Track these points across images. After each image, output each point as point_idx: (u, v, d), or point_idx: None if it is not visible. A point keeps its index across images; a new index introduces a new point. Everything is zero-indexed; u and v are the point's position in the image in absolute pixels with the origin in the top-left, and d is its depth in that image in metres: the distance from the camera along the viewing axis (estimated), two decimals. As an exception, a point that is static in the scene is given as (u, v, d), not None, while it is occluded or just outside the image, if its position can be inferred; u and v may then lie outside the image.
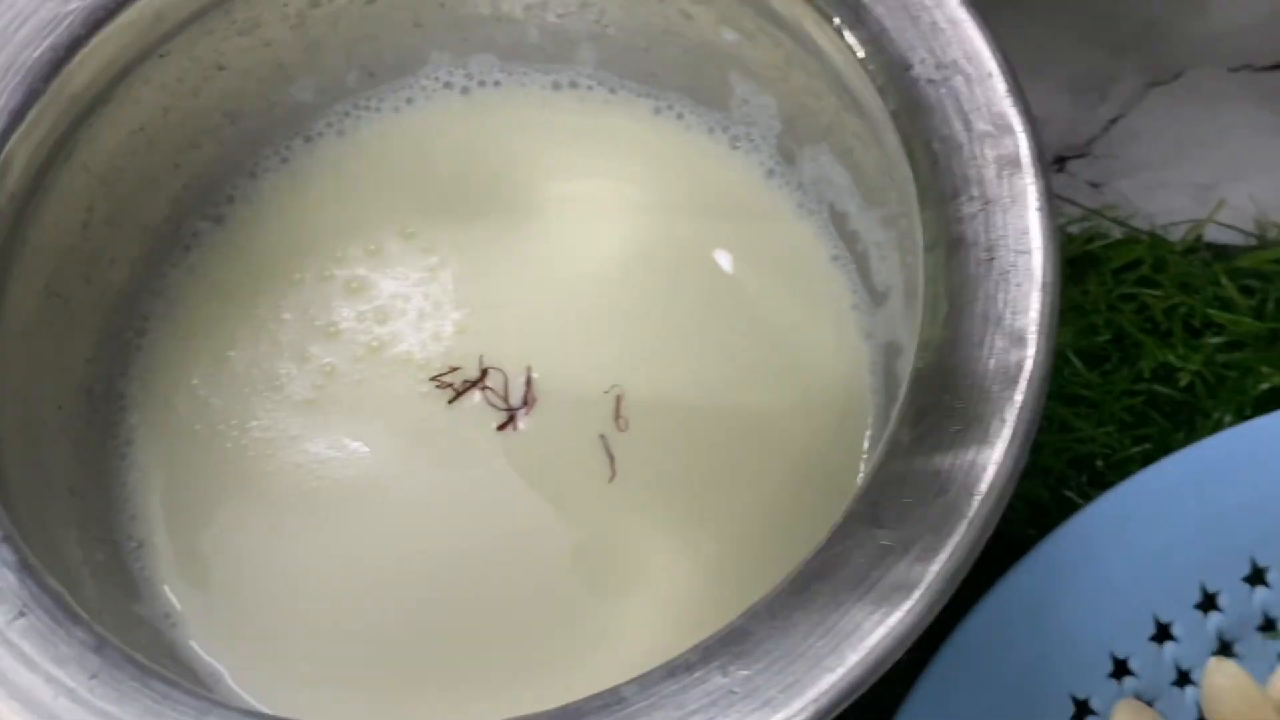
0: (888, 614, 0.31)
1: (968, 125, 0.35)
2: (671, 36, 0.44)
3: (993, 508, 0.32)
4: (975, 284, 0.34)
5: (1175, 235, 0.49)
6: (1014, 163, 0.35)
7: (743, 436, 0.42)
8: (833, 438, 0.42)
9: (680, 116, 0.46)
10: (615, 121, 0.46)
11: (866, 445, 0.42)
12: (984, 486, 0.31)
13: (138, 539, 0.42)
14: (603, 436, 0.42)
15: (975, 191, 0.35)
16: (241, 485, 0.42)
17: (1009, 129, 0.35)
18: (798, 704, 0.30)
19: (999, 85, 0.36)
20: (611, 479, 0.41)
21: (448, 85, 0.47)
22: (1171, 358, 0.46)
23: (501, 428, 0.42)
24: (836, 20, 0.38)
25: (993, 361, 0.33)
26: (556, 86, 0.47)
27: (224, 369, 0.43)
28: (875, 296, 0.43)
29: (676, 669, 0.31)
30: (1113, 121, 0.51)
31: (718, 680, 0.30)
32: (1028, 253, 0.34)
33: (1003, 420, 0.33)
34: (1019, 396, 0.33)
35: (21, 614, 0.31)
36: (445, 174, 0.46)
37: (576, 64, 0.46)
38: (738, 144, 0.45)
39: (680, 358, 0.43)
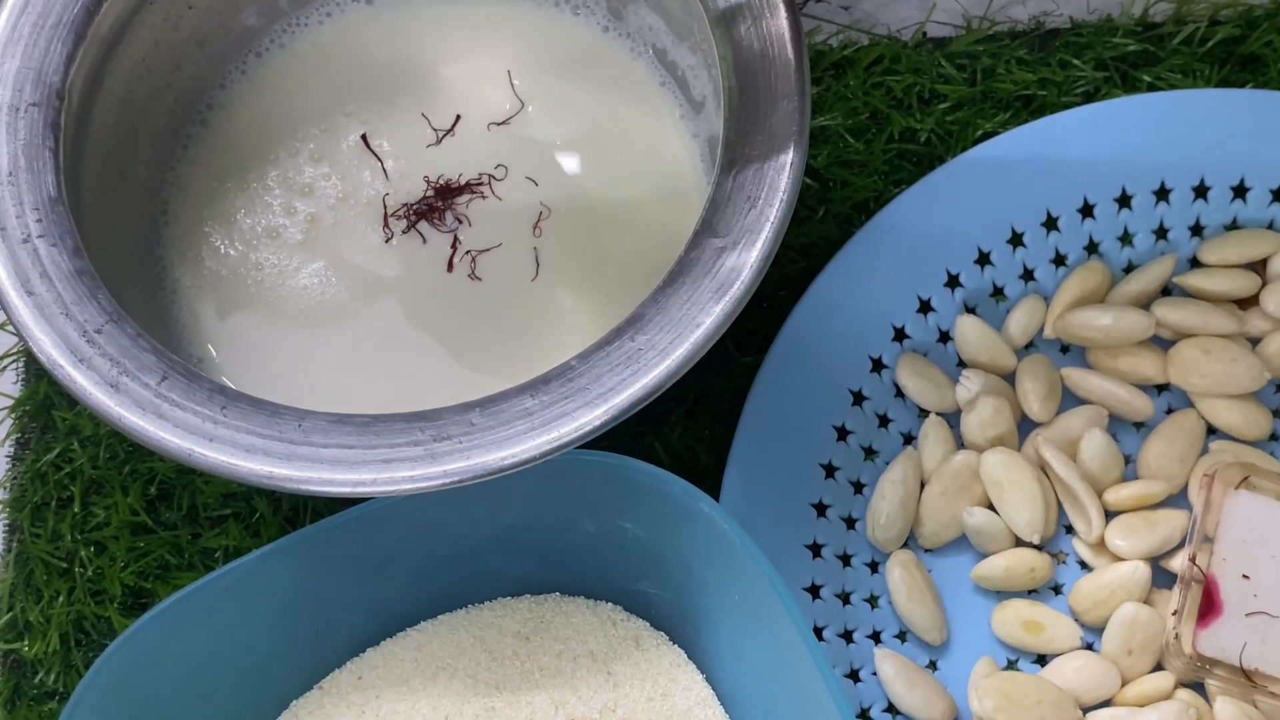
0: (728, 287, 0.48)
1: (736, -30, 0.52)
2: (520, -62, 0.60)
3: (788, 206, 0.49)
4: (755, 72, 0.51)
5: (906, 35, 0.66)
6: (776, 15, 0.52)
7: (624, 220, 0.59)
8: (680, 208, 0.59)
9: (534, -2, 0.62)
10: (485, 9, 0.62)
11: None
12: (781, 193, 0.49)
13: (196, 356, 0.57)
14: (535, 250, 0.58)
15: (749, 15, 0.52)
16: (260, 308, 0.58)
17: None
18: (681, 350, 0.47)
19: (753, -61, 0.52)
20: (535, 278, 0.58)
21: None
22: (913, 122, 0.63)
23: (453, 247, 0.58)
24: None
25: (773, 116, 0.50)
26: (438, -12, 0.62)
27: (234, 228, 0.59)
28: (695, 107, 0.60)
29: (601, 343, 0.48)
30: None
31: (629, 345, 0.47)
32: (785, 45, 0.51)
33: (787, 145, 0.49)
34: (794, 128, 0.49)
35: (165, 377, 0.47)
36: (366, 65, 0.62)
37: (451, -31, 0.62)
38: (578, 11, 0.62)
39: (562, 174, 0.60)
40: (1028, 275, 0.60)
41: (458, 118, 0.61)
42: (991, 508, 0.57)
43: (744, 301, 0.48)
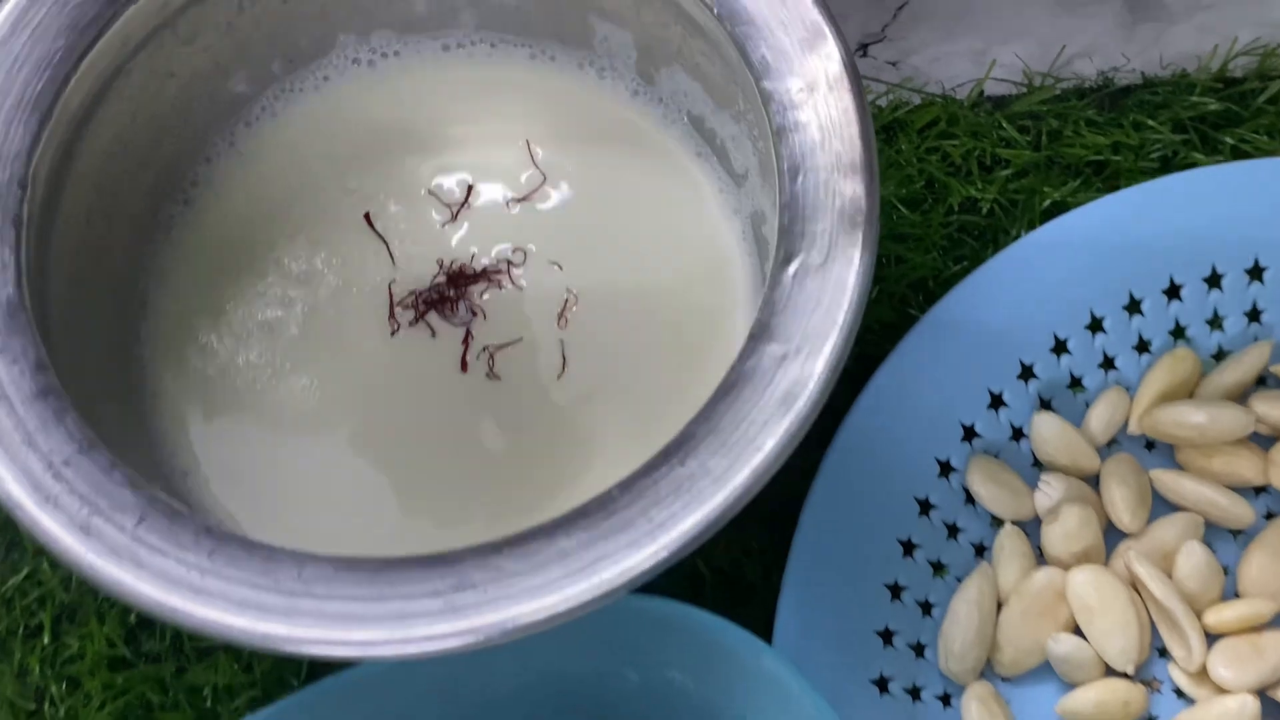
0: (792, 402, 0.42)
1: (788, 33, 0.46)
2: (538, -6, 0.54)
3: (858, 307, 0.42)
4: (813, 149, 0.45)
5: (962, 94, 0.60)
6: (828, 57, 0.45)
7: (660, 306, 0.52)
8: (721, 291, 0.53)
9: (553, 59, 0.56)
10: (499, 71, 0.56)
11: (749, 294, 0.53)
12: (849, 291, 0.42)
13: (180, 468, 0.51)
14: (561, 342, 0.52)
15: (803, 83, 0.45)
16: (252, 413, 0.51)
17: (821, 33, 0.46)
18: (741, 476, 0.41)
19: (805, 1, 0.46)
20: (561, 375, 0.51)
21: (355, 61, 0.56)
22: (973, 191, 0.57)
23: (465, 343, 0.52)
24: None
25: (836, 201, 0.44)
26: (446, 48, 0.56)
27: (222, 322, 0.52)
28: (736, 180, 0.54)
29: (647, 469, 0.41)
30: (900, 8, 0.62)
31: (679, 471, 0.41)
32: (848, 119, 0.45)
33: (854, 235, 0.43)
34: (861, 216, 0.43)
35: (143, 518, 0.41)
36: (369, 134, 0.55)
37: (461, 27, 0.56)
38: (604, 74, 0.55)
39: (589, 256, 0.53)
40: (1108, 364, 0.54)
41: (470, 190, 0.54)
42: (1078, 631, 0.50)
43: (811, 418, 0.42)
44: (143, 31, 0.49)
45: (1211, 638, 0.50)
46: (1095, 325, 0.54)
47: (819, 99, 0.45)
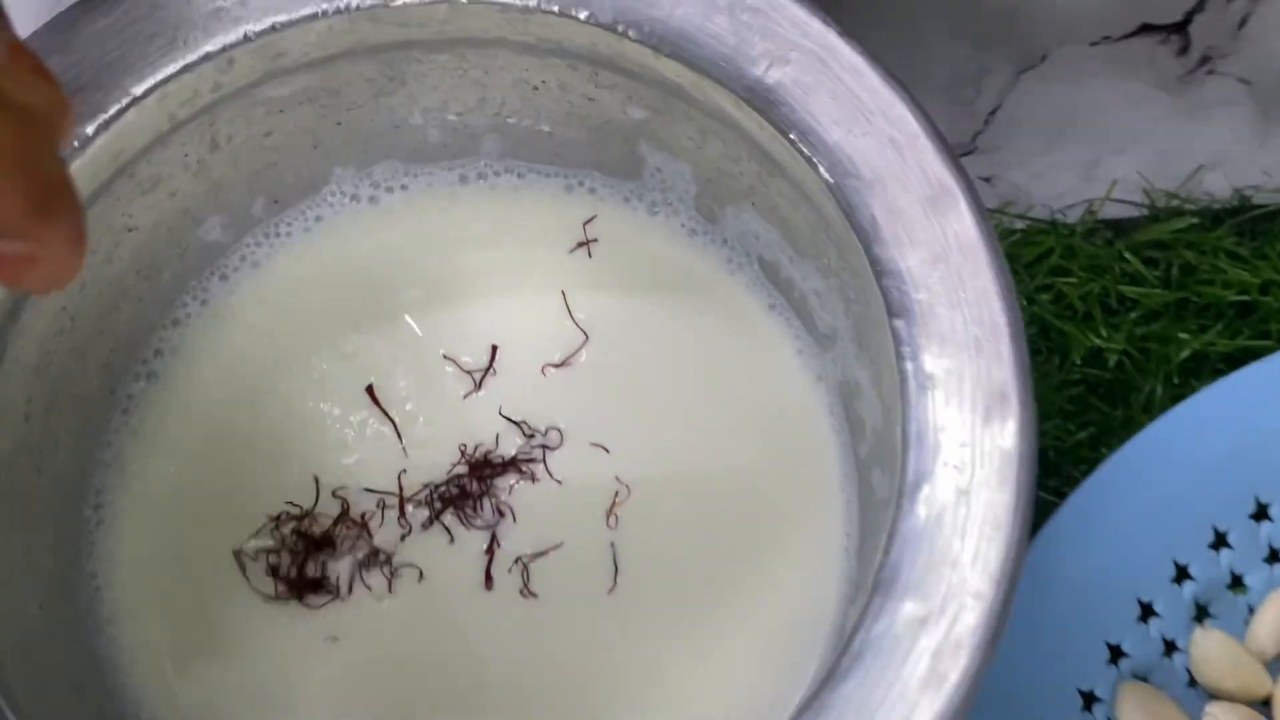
0: (939, 685, 0.32)
1: (907, 189, 0.36)
2: (576, 119, 0.44)
3: (1017, 556, 0.33)
4: (943, 344, 0.35)
5: (1073, 217, 0.51)
6: (959, 221, 0.36)
7: (732, 499, 0.43)
8: (804, 485, 0.43)
9: (593, 191, 0.46)
10: (528, 205, 0.46)
11: (838, 487, 0.43)
12: (1008, 530, 0.33)
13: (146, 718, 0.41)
14: (612, 547, 0.42)
15: (927, 254, 0.36)
16: (234, 657, 0.42)
17: (949, 192, 0.36)
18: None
19: (928, 146, 0.37)
20: (613, 589, 0.42)
21: (354, 198, 0.46)
22: (1097, 340, 0.48)
23: (490, 552, 0.42)
24: (756, 108, 0.38)
25: (980, 409, 0.34)
26: (464, 180, 0.46)
27: (188, 529, 0.43)
28: (821, 340, 0.44)
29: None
30: (992, 114, 0.53)
31: (795, 783, 0.31)
32: (989, 306, 0.35)
33: (1007, 462, 0.34)
34: (1017, 436, 0.34)
35: None
36: (371, 286, 0.46)
37: (481, 156, 0.46)
38: (655, 210, 0.46)
39: (642, 435, 0.44)
40: (1274, 557, 0.44)
41: (494, 354, 0.45)
42: None
43: (969, 701, 0.32)
44: (94, 184, 0.40)
45: None
46: (1260, 513, 0.44)
47: (948, 273, 0.36)
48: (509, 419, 0.44)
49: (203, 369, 0.45)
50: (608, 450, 0.43)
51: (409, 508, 0.43)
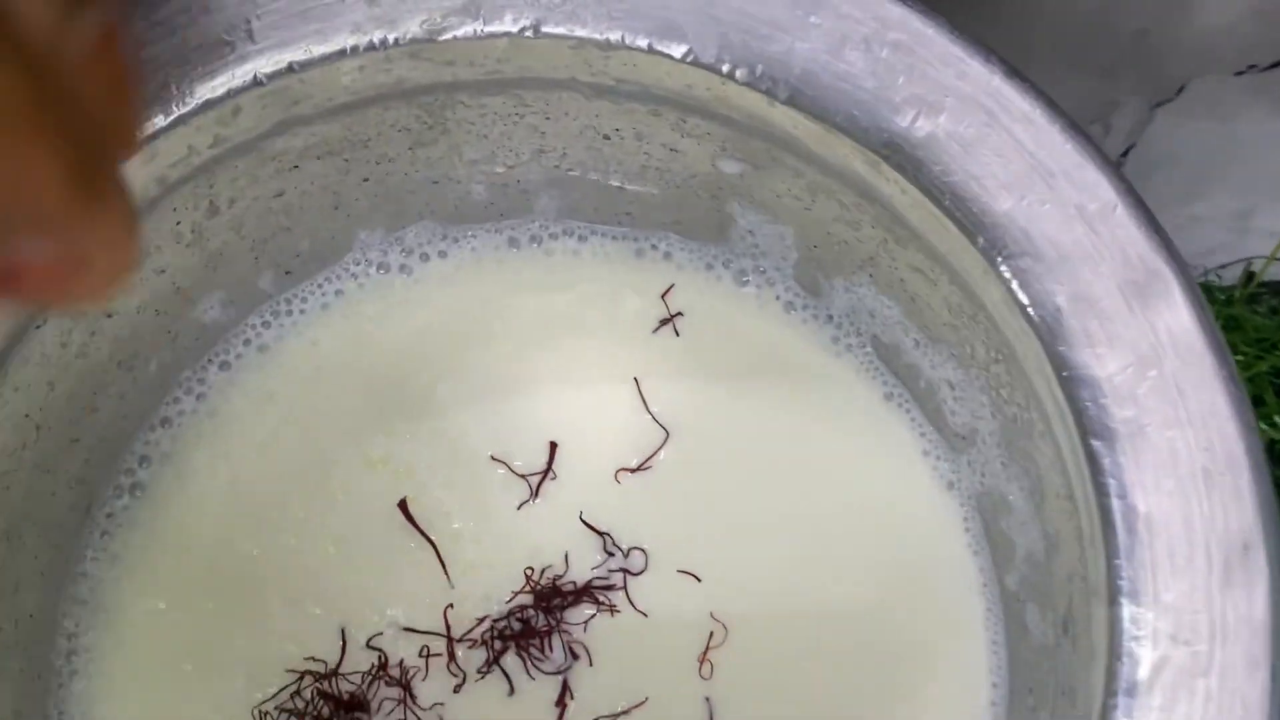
0: None
1: (1101, 273, 0.29)
2: (653, 173, 0.36)
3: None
4: (1156, 472, 0.27)
5: (1229, 278, 0.43)
6: (1171, 312, 0.28)
7: (840, 641, 0.35)
8: (936, 621, 0.36)
9: (668, 256, 0.38)
10: (591, 273, 0.39)
11: (980, 623, 0.35)
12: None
13: None
14: (708, 703, 0.34)
15: (1132, 357, 0.28)
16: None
17: (1159, 275, 0.28)
18: None
19: (1127, 217, 0.29)
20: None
21: (382, 267, 0.38)
22: (1272, 433, 0.40)
23: (562, 705, 0.34)
24: (898, 166, 0.30)
25: (1218, 560, 0.27)
26: (514, 244, 0.39)
27: (184, 685, 0.34)
28: (953, 440, 0.36)
29: None
30: (1124, 155, 0.45)
31: None
32: (1221, 431, 0.27)
33: (1254, 634, 0.26)
34: (1266, 585, 0.26)
35: None
36: (399, 373, 0.38)
37: (535, 215, 0.38)
38: (746, 279, 0.38)
39: (737, 558, 0.36)
40: None
41: (553, 451, 0.37)
42: None
43: None
44: (60, 265, 0.31)
45: None
46: None
47: (1162, 383, 0.28)
48: (592, 527, 0.36)
49: (198, 481, 0.37)
50: (698, 579, 0.36)
51: (460, 650, 0.35)
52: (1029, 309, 0.29)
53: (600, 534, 0.36)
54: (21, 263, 0.16)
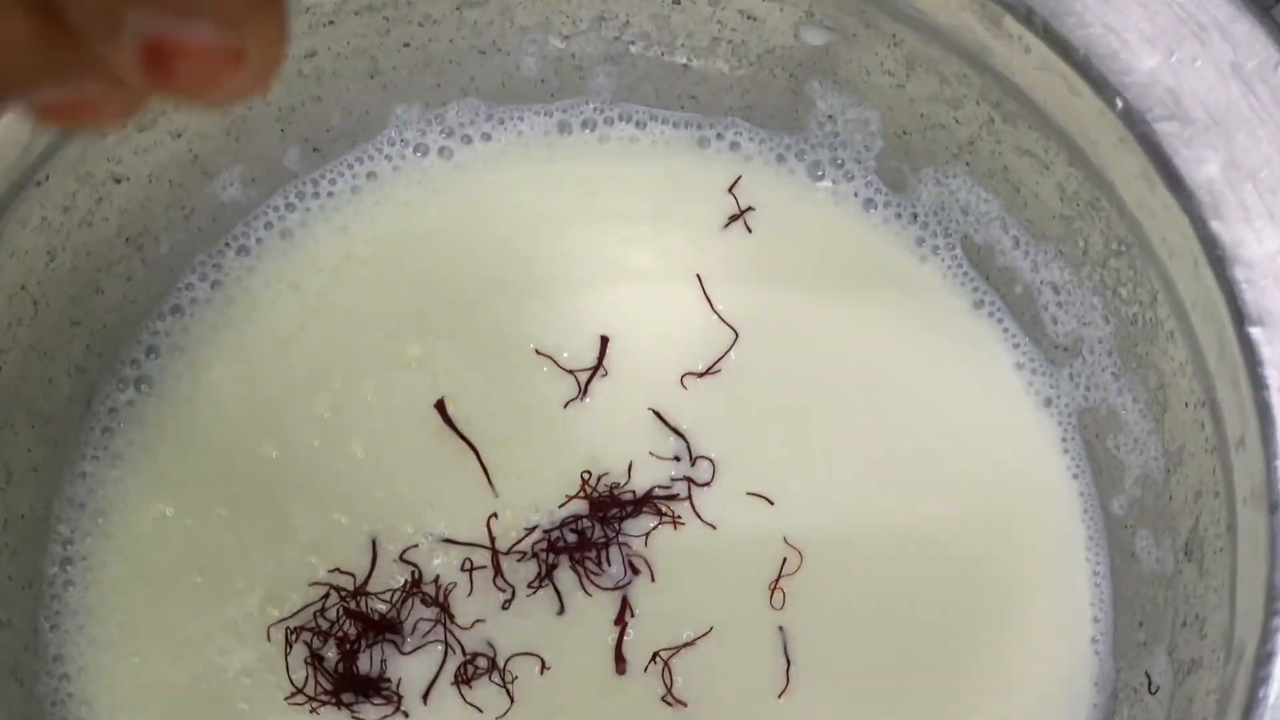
0: None
1: (1261, 140, 0.25)
2: (725, 47, 0.33)
3: None
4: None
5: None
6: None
7: (918, 575, 0.32)
8: (1030, 549, 0.32)
9: (735, 146, 0.35)
10: (650, 164, 0.35)
11: (1081, 553, 0.32)
12: None
13: None
14: (781, 632, 0.31)
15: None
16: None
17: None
18: None
19: (1293, 73, 0.25)
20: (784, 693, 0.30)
21: (419, 148, 0.34)
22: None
23: (621, 623, 0.31)
24: (1023, 19, 0.27)
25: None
26: (565, 129, 0.35)
27: (191, 599, 0.31)
28: (1053, 352, 0.33)
29: None
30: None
31: None
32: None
33: None
34: None
35: None
36: (436, 264, 0.34)
37: (589, 97, 0.35)
38: (821, 173, 0.34)
39: (811, 476, 0.32)
40: None
41: (604, 346, 0.33)
42: None
43: None
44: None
45: None
46: None
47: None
48: (665, 421, 0.32)
49: (212, 376, 0.33)
50: (770, 501, 0.32)
51: (506, 564, 0.31)
52: (1176, 180, 0.26)
53: (677, 432, 0.32)
54: (184, 44, 0.15)
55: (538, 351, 0.33)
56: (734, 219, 0.34)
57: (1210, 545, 0.28)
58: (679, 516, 0.32)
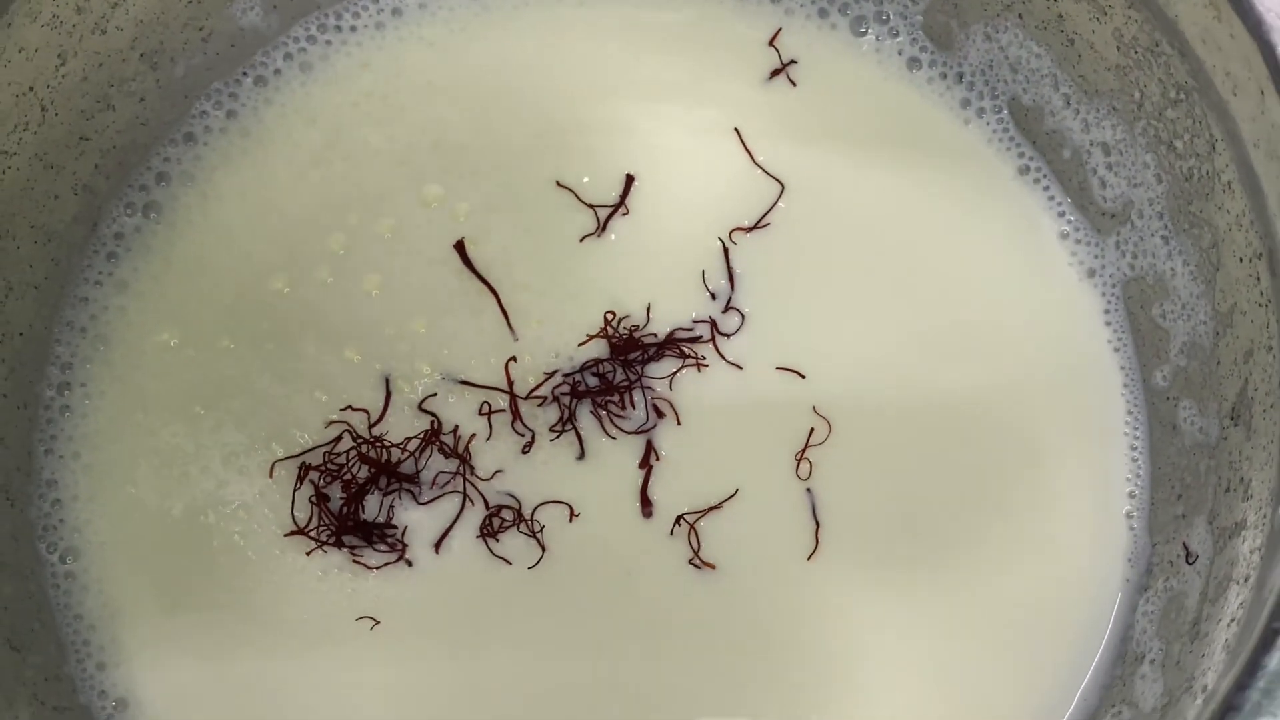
0: None
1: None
2: (774, -117, 0.31)
3: None
4: None
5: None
6: None
7: (952, 443, 0.31)
8: (1068, 420, 0.31)
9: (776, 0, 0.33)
10: (688, 8, 0.33)
11: (1119, 425, 0.31)
12: None
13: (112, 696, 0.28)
14: (809, 496, 0.29)
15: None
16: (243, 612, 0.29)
17: None
18: None
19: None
20: (813, 555, 0.29)
21: (448, -20, 0.33)
22: None
23: (645, 463, 0.29)
24: None
25: None
26: (601, -28, 0.33)
27: (194, 429, 0.30)
28: (1099, 220, 0.31)
29: None
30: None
31: None
32: None
33: None
34: None
35: None
36: (459, 103, 0.33)
37: (628, -60, 0.33)
38: (864, 28, 0.33)
39: (843, 336, 0.31)
40: None
41: (629, 184, 0.32)
42: None
43: None
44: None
45: None
46: None
47: None
48: (725, 265, 0.31)
49: (223, 206, 0.32)
50: (803, 376, 0.31)
51: (524, 409, 0.30)
52: (1244, 4, 0.24)
53: (731, 271, 0.31)
54: None
55: (559, 184, 0.32)
56: (776, 72, 0.32)
57: (1260, 404, 0.26)
58: (703, 358, 0.30)
